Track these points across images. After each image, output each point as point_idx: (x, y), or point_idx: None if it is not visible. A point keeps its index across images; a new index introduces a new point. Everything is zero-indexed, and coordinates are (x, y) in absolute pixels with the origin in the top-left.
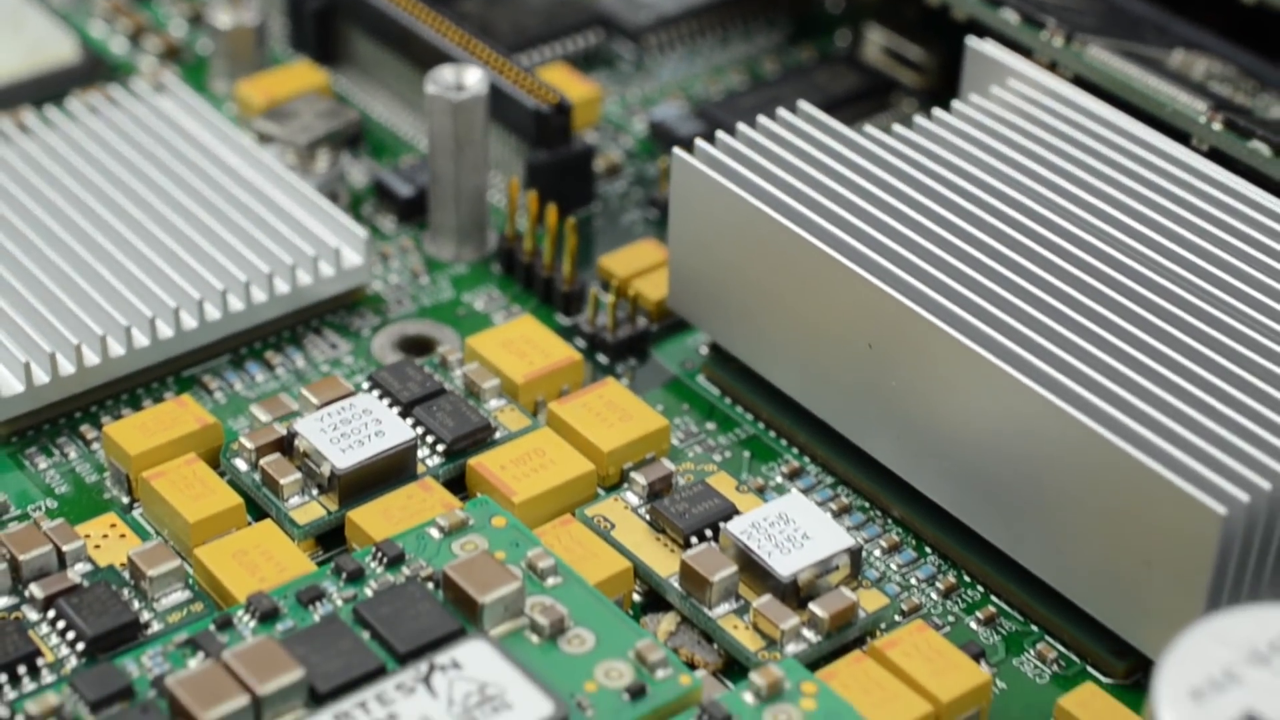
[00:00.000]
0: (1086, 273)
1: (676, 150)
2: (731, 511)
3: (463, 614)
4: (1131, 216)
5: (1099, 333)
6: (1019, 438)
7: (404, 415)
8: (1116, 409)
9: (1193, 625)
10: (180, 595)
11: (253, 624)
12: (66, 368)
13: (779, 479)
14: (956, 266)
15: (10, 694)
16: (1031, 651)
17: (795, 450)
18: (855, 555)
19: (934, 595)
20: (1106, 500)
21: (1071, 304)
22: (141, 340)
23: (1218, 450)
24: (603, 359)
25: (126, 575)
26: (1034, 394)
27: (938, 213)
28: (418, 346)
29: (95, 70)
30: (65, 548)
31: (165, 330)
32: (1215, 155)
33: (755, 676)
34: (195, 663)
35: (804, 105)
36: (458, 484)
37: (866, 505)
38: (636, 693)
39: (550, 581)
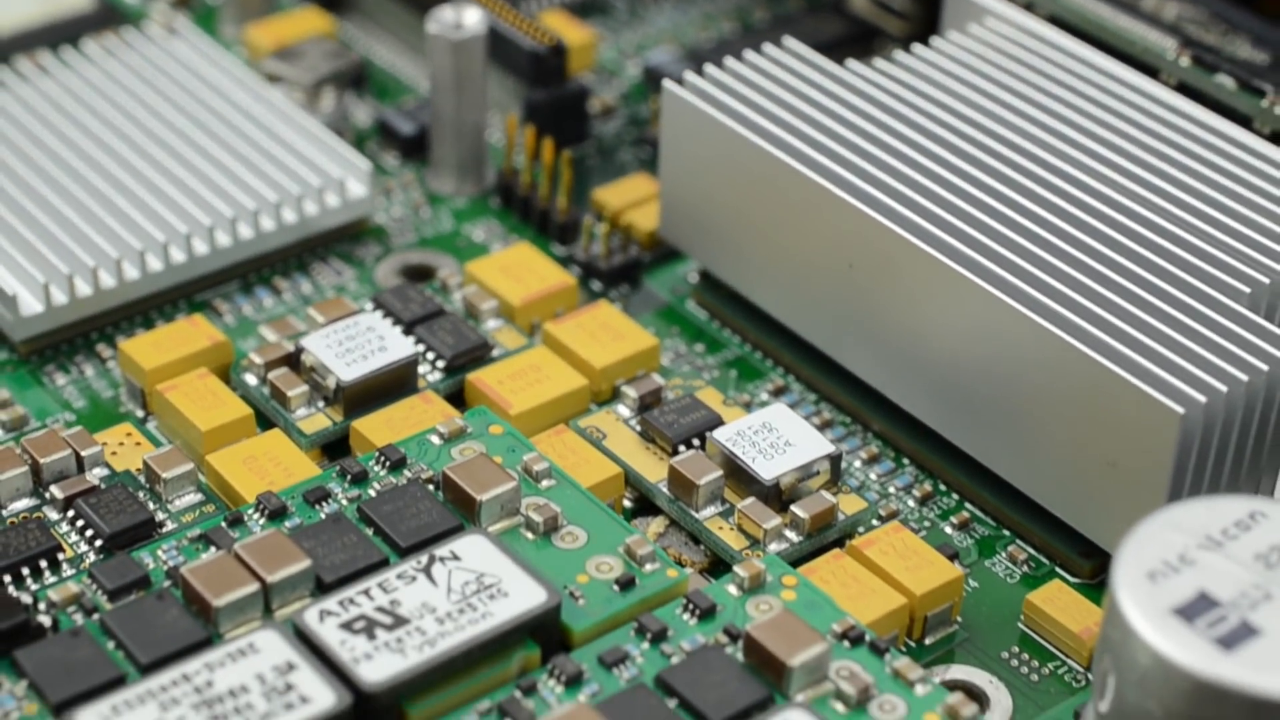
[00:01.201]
0: (1056, 195)
1: (667, 83)
2: (718, 422)
3: (461, 512)
4: (1099, 144)
5: (1067, 249)
6: (991, 350)
7: (406, 333)
8: (1083, 319)
9: (1151, 515)
10: (193, 497)
11: (262, 521)
12: (84, 289)
13: (764, 396)
14: (932, 189)
15: (33, 585)
16: (1003, 554)
17: (780, 369)
18: (835, 461)
19: (911, 503)
20: (1073, 406)
21: (1041, 223)
22: (155, 265)
23: (1177, 356)
24: (596, 286)
25: (142, 479)
26: (1005, 306)
27: (915, 140)
28: (419, 274)
29: (109, 16)
30: (83, 453)
31: (178, 255)
32: (1183, 89)
33: (738, 569)
34: (208, 555)
35: (789, 41)
36: (457, 399)
37: (848, 420)
38: (626, 584)
39: (544, 484)
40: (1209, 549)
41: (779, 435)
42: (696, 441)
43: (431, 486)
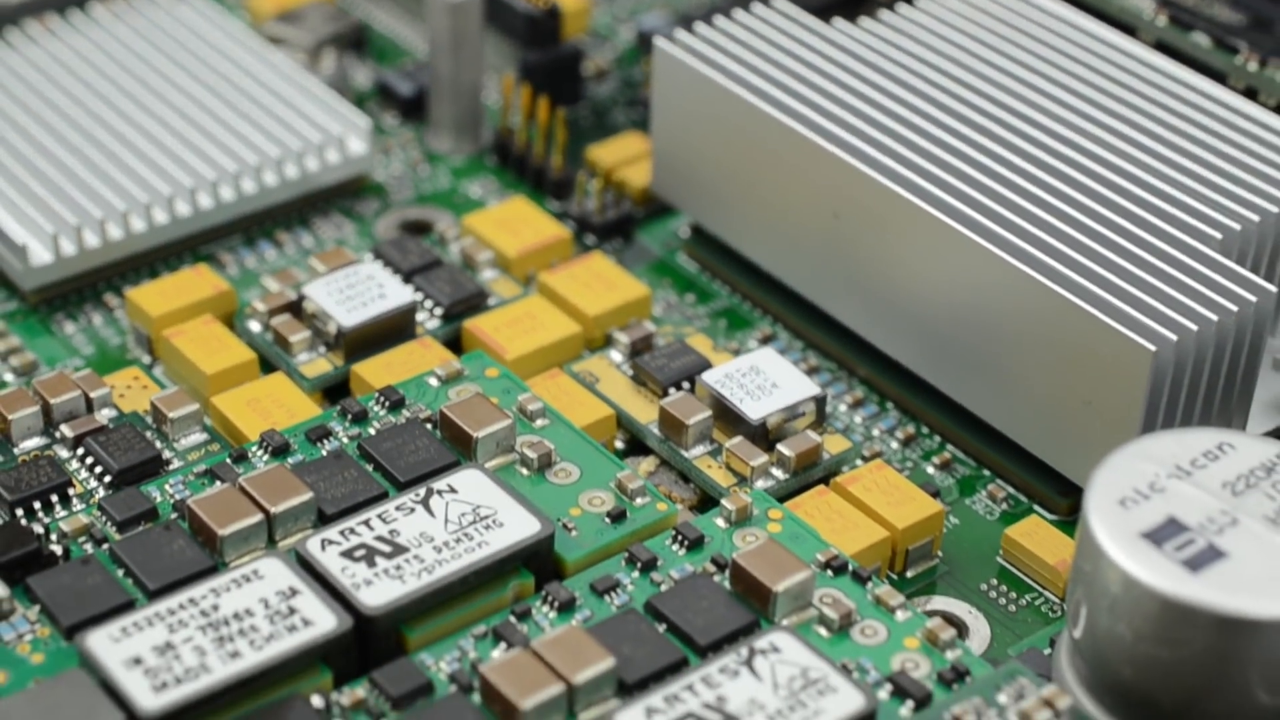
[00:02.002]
0: (1035, 146)
1: (658, 39)
2: (707, 366)
3: (458, 450)
4: (1078, 98)
5: (1045, 198)
6: (972, 295)
7: (405, 282)
8: (1060, 263)
9: (1123, 446)
10: (198, 437)
11: (265, 457)
12: (92, 241)
13: (753, 344)
14: (915, 141)
15: (45, 519)
16: (983, 492)
17: (768, 318)
18: (820, 403)
19: (894, 445)
20: (1050, 347)
21: (1019, 173)
22: (161, 217)
23: (1149, 297)
24: (590, 240)
25: (149, 420)
26: (985, 252)
27: (898, 94)
28: (418, 229)
29: None
30: (92, 394)
31: (183, 209)
32: (1160, 47)
33: (726, 503)
34: (213, 489)
35: (778, 1)
36: (454, 346)
37: (834, 366)
38: (617, 516)
39: (539, 423)
40: (1178, 477)
41: (766, 378)
42: (686, 384)
43: (430, 425)
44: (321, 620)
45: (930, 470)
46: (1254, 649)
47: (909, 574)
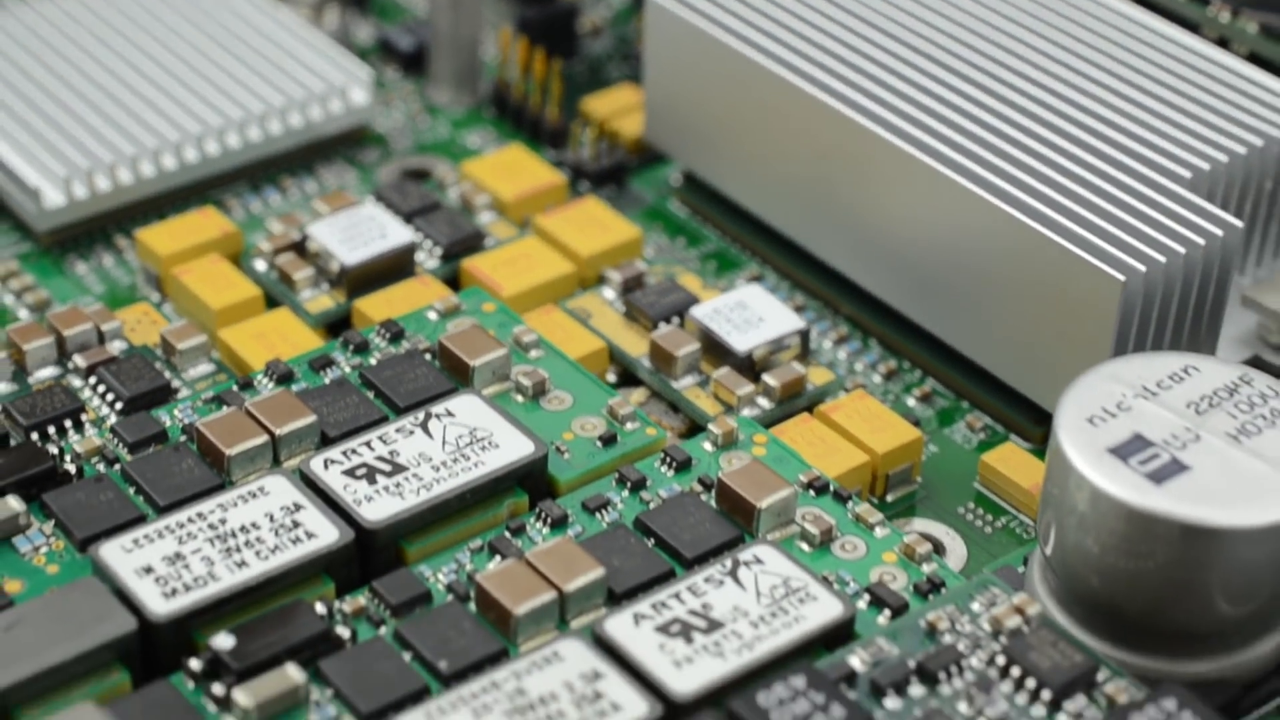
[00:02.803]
0: (1011, 90)
1: None
2: (696, 302)
3: (455, 378)
4: (1053, 45)
5: (1019, 138)
6: (951, 232)
7: (405, 223)
8: (1034, 199)
9: (1093, 368)
10: (206, 368)
11: (270, 385)
12: (103, 184)
13: (741, 284)
14: (893, 84)
15: (59, 442)
16: (961, 423)
17: (757, 260)
18: (804, 336)
19: (876, 379)
20: (1025, 280)
21: (995, 114)
22: (170, 163)
23: (1119, 230)
24: (584, 187)
25: (158, 352)
26: (963, 190)
27: (878, 40)
28: (418, 177)
29: None
30: (104, 327)
31: (191, 155)
32: None
33: (713, 427)
34: (221, 412)
35: None
36: (452, 285)
37: (819, 305)
38: (608, 440)
39: (533, 353)
40: (1144, 397)
41: (753, 312)
42: (676, 319)
43: (428, 356)
44: (324, 533)
45: (911, 402)
46: (1214, 557)
47: (889, 498)
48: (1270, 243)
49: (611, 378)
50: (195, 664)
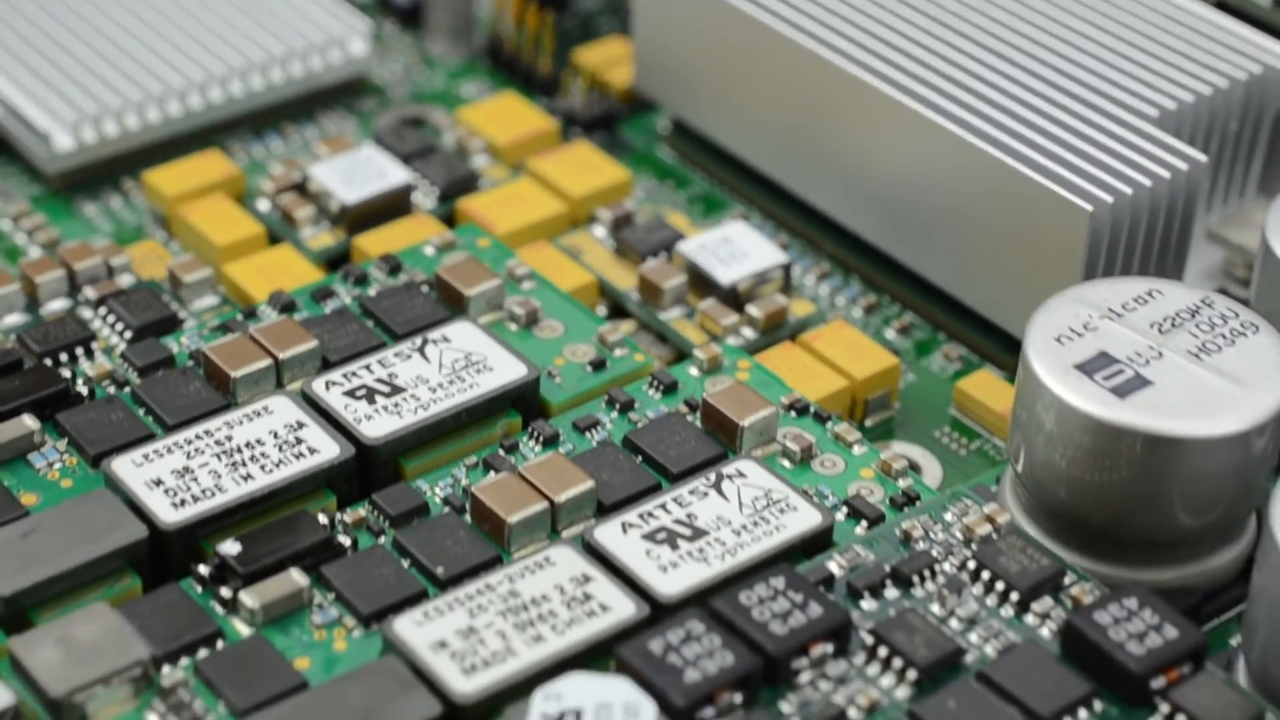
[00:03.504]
0: (985, 33)
1: None
2: (683, 238)
3: (451, 307)
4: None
5: (992, 78)
6: (927, 168)
7: (403, 165)
8: (1006, 135)
9: (1061, 291)
10: (211, 300)
11: (273, 314)
12: (110, 129)
13: (727, 223)
14: (872, 29)
15: (71, 367)
16: (938, 353)
17: (743, 202)
18: (787, 269)
19: (857, 312)
20: (999, 213)
21: (969, 56)
22: (175, 109)
23: (1087, 164)
24: (576, 133)
25: (165, 285)
26: (938, 127)
27: None
28: (415, 125)
29: None
30: (113, 261)
31: (195, 101)
32: None
33: (698, 353)
34: (226, 338)
35: None
36: (448, 224)
37: (803, 244)
38: (598, 365)
39: (526, 285)
40: (1110, 318)
41: (737, 247)
42: (663, 254)
43: (426, 288)
44: (326, 449)
45: (890, 335)
46: (1175, 467)
47: (868, 423)
48: (1235, 182)
49: (602, 311)
50: (203, 569)
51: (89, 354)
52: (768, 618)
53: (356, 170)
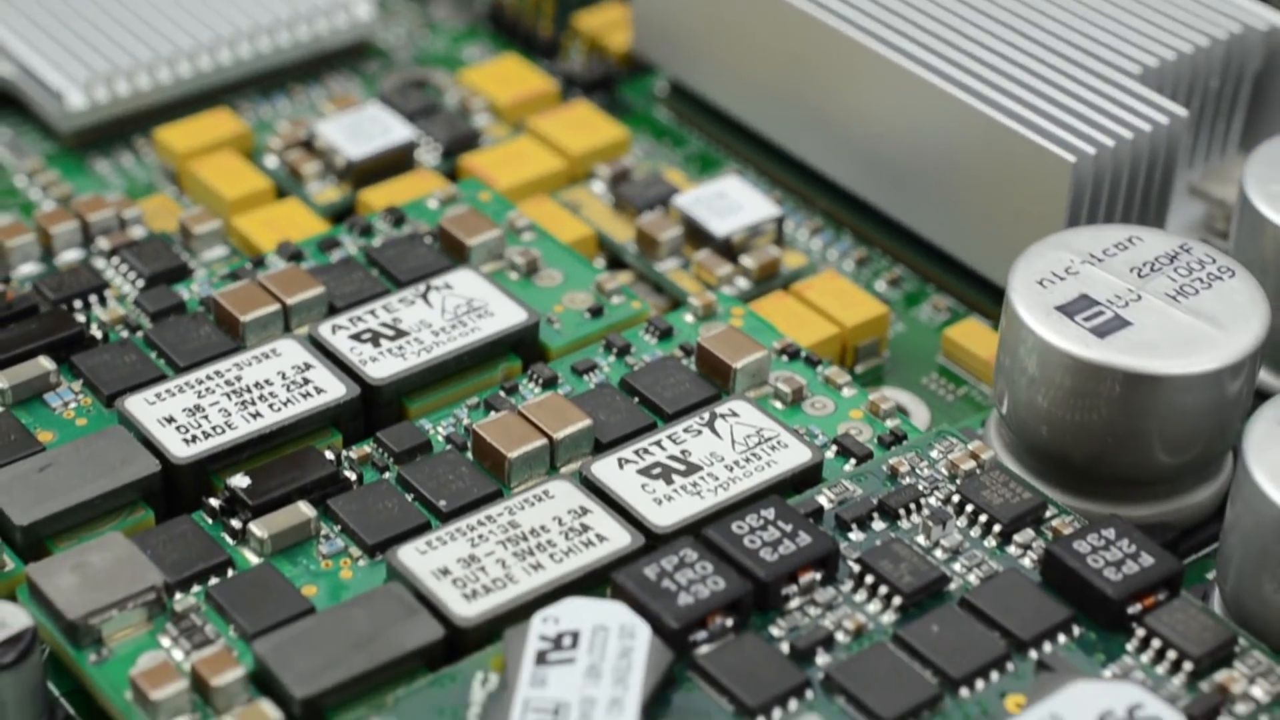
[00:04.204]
0: None
1: None
2: (679, 192)
3: (454, 257)
4: None
5: (979, 36)
6: (917, 124)
7: (407, 123)
8: (991, 89)
9: (1044, 238)
10: (221, 251)
11: (281, 263)
12: (123, 88)
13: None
14: None
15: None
16: (927, 304)
17: (738, 160)
18: (779, 222)
19: (849, 265)
20: (985, 166)
21: (956, 15)
22: (185, 70)
23: (1070, 117)
24: (575, 95)
25: (176, 237)
26: (927, 83)
27: None
28: (419, 86)
29: None
30: (125, 214)
31: (205, 62)
32: None
33: (693, 299)
34: (235, 284)
35: None
36: (451, 180)
37: (797, 200)
38: (595, 312)
39: (526, 236)
40: (1091, 263)
41: (732, 200)
42: (660, 208)
43: (429, 239)
44: (332, 389)
45: (880, 287)
46: (1152, 404)
47: (858, 369)
48: (1216, 139)
49: (600, 263)
50: (214, 502)
51: (102, 301)
52: (758, 545)
53: (362, 127)
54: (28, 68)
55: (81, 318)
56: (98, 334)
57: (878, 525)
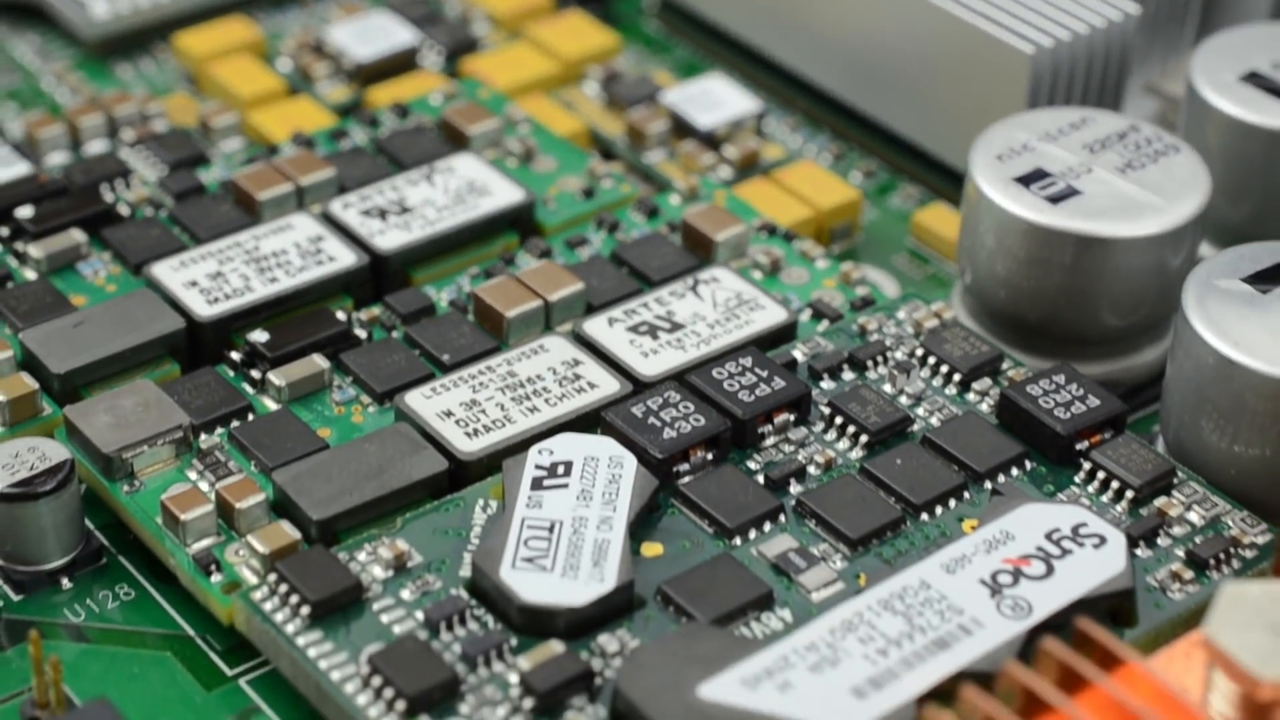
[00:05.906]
0: None
1: None
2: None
3: (455, 145)
4: None
5: None
6: (887, 24)
7: (411, 26)
8: None
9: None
10: (238, 143)
11: (294, 151)
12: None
13: None
14: None
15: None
16: (898, 194)
17: (724, 67)
18: (760, 117)
19: (826, 158)
20: (950, 62)
21: None
22: None
23: (1027, 11)
24: (571, 5)
25: (196, 132)
26: None
27: None
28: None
29: None
30: (148, 109)
31: None
32: None
33: (677, 183)
34: (252, 167)
35: None
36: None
37: (779, 101)
38: (588, 193)
39: (522, 128)
40: (1046, 141)
41: (716, 97)
42: (649, 104)
43: (433, 130)
44: (343, 258)
45: (855, 179)
46: (1101, 266)
47: (833, 250)
48: (1170, 41)
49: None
50: (235, 355)
51: (128, 184)
52: (737, 389)
53: (368, 32)
54: None
55: (110, 197)
56: (125, 212)
57: (847, 375)
